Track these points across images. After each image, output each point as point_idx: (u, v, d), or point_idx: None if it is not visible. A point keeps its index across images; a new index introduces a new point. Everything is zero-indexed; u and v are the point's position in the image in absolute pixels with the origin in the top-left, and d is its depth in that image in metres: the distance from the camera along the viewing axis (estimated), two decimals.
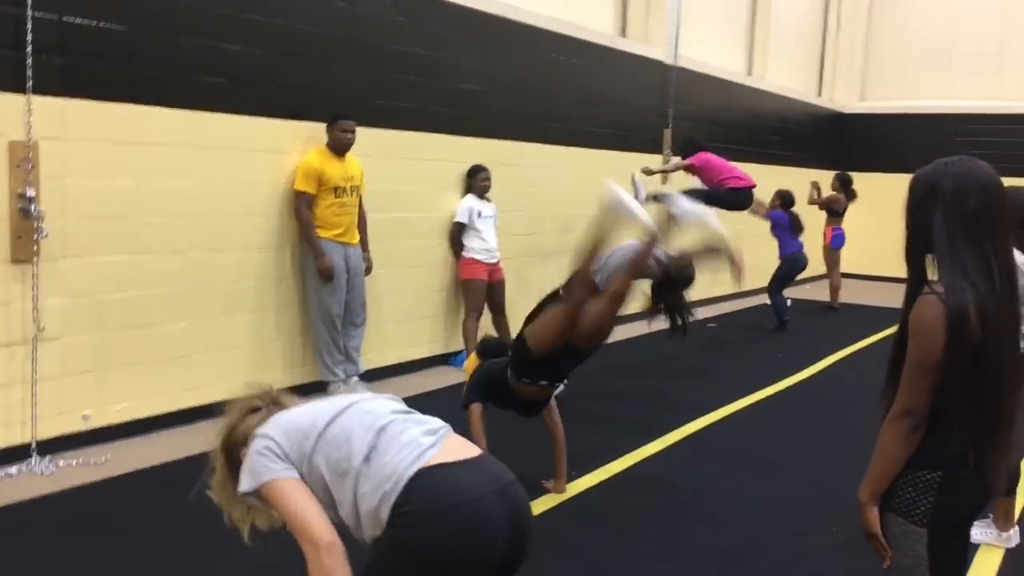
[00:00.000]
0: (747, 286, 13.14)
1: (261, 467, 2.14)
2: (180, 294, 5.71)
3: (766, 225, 10.59)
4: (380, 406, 2.24)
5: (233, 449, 2.33)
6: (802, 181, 13.40)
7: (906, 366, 2.16)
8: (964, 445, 2.15)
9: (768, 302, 10.63)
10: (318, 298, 6.34)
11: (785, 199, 10.63)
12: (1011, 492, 4.08)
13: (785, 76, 14.32)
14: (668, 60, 10.59)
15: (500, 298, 7.76)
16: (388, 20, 6.94)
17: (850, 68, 16.28)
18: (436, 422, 2.22)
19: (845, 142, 16.07)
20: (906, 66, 16.02)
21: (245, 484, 2.16)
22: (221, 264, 5.94)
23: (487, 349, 4.59)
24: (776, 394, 7.25)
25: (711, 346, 9.14)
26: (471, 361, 4.55)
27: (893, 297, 10.42)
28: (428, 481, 1.99)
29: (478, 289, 7.57)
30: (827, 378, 8.01)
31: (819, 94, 15.90)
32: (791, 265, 10.39)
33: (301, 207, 6.20)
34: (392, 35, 6.98)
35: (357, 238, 6.51)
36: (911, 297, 2.22)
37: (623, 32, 10.45)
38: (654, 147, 10.54)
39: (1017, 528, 4.13)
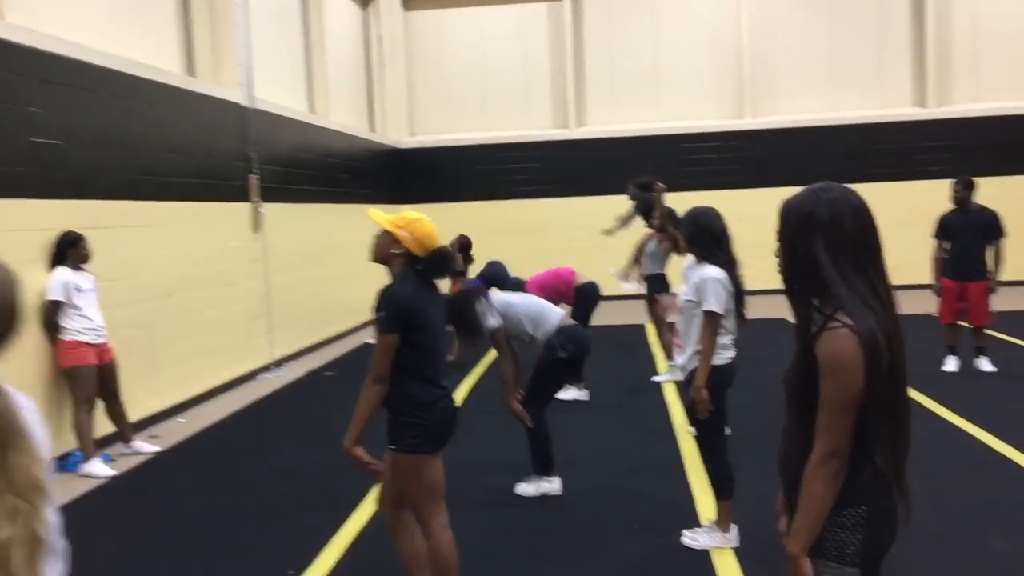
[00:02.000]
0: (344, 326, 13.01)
1: None
2: None
3: None
4: None
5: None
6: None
7: (826, 407, 2.10)
8: (888, 473, 2.18)
9: None
10: None
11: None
12: (730, 495, 4.40)
13: (345, 114, 14.42)
14: (245, 102, 10.03)
15: (113, 382, 6.69)
16: None
17: (398, 105, 16.91)
18: None
19: (404, 176, 16.66)
20: (448, 102, 17.07)
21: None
22: None
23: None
24: None
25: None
26: None
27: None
28: None
29: (87, 376, 6.43)
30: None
31: (373, 130, 16.28)
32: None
33: None
34: None
35: None
36: (806, 331, 2.19)
37: (191, 72, 9.67)
38: (242, 195, 9.92)
39: (735, 527, 4.46)
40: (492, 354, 6.33)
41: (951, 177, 8.73)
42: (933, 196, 12.92)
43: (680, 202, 7.38)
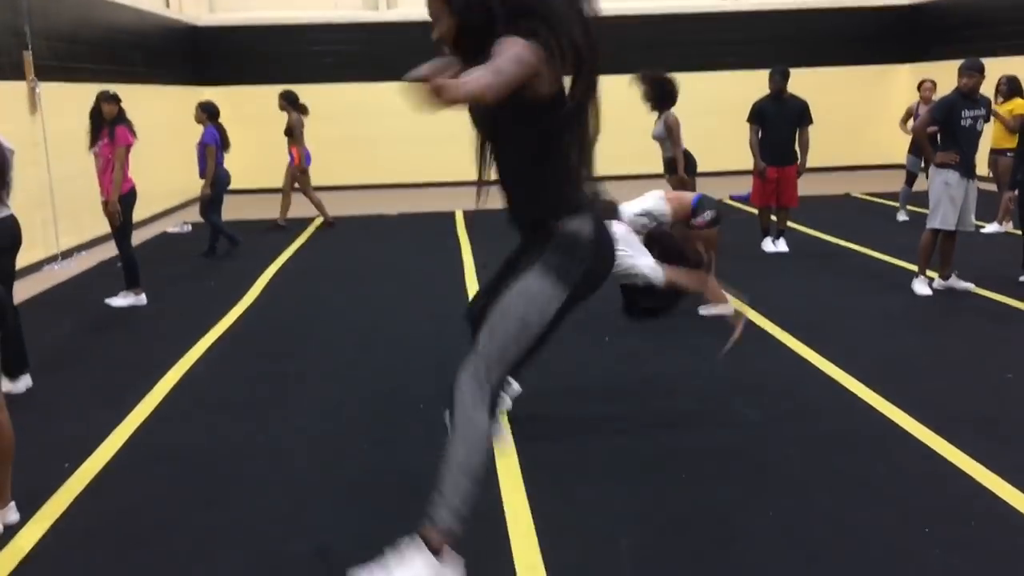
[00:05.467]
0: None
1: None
2: None
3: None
4: None
5: None
6: (168, 100, 12.89)
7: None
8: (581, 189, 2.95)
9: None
10: None
11: (212, 112, 9.66)
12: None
13: None
14: None
15: None
16: None
17: None
18: None
19: (203, 56, 15.79)
20: None
21: None
22: None
23: None
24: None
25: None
26: None
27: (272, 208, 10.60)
28: None
29: None
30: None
31: (167, 6, 15.23)
32: (224, 184, 9.74)
33: None
34: None
35: None
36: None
37: None
38: (14, 73, 9.15)
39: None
40: None
41: (746, 69, 9.11)
42: (729, 87, 13.57)
43: None
